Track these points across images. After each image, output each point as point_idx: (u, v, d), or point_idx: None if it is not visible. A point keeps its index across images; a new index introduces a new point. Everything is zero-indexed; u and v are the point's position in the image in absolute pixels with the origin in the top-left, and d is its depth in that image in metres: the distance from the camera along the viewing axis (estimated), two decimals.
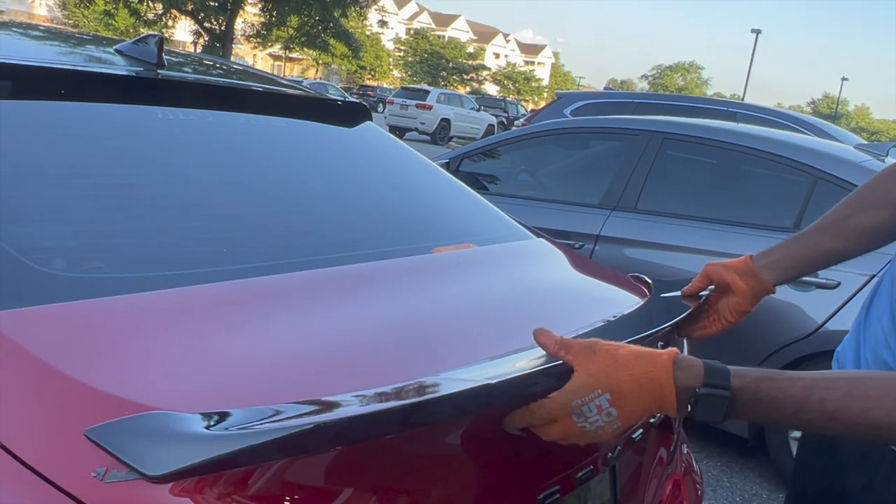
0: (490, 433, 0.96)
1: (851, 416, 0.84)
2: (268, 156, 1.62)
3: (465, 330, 1.16)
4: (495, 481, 0.97)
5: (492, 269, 1.46)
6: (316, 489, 0.78)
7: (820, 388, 0.86)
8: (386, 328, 1.07)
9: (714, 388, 0.87)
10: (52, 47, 1.83)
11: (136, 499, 0.72)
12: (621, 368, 0.88)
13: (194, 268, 1.10)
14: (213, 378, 0.85)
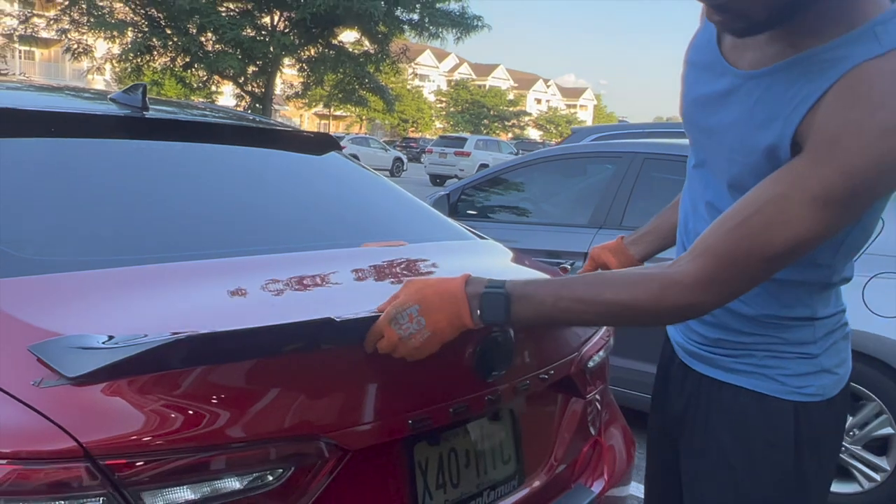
0: (367, 361, 1.20)
1: (591, 297, 1.09)
2: (234, 174, 1.91)
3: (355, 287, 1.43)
4: (369, 403, 1.21)
5: (407, 254, 1.72)
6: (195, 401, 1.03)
7: (570, 281, 1.14)
8: (288, 295, 1.33)
9: (492, 288, 1.12)
10: (66, 99, 2.18)
11: (68, 398, 0.98)
12: (428, 287, 1.14)
13: (146, 254, 1.38)
14: (125, 320, 1.12)
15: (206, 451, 1.02)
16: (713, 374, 1.30)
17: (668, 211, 1.61)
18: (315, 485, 1.12)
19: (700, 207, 1.28)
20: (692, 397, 1.34)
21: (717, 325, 1.27)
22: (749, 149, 1.11)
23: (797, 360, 1.23)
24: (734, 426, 1.27)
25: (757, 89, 1.10)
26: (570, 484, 1.71)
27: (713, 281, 1.06)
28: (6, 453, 0.93)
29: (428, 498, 1.34)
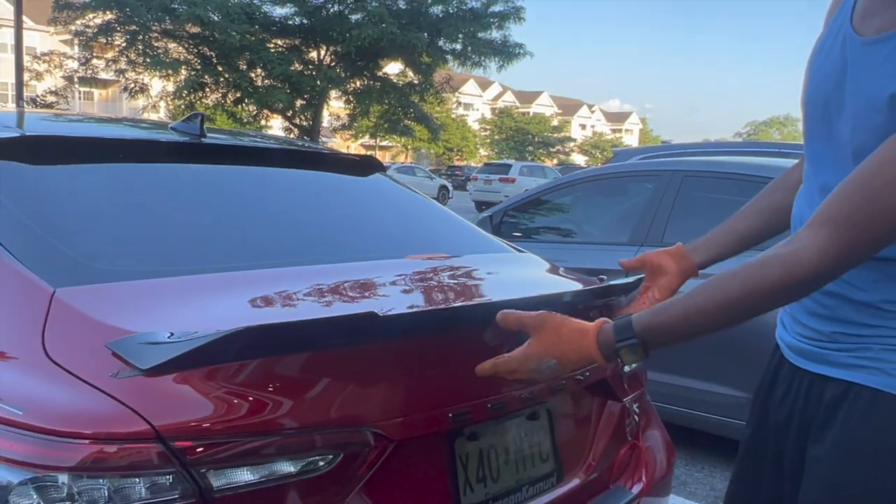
0: (410, 357, 1.29)
1: (717, 302, 1.10)
2: (285, 193, 2.04)
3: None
4: (412, 397, 1.30)
5: (448, 264, 1.82)
6: (255, 391, 1.14)
7: (690, 296, 1.14)
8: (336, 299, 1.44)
9: (624, 341, 1.16)
10: (134, 129, 2.36)
11: (142, 388, 1.09)
12: (563, 343, 1.20)
13: (204, 265, 1.51)
14: (189, 321, 1.23)
15: (264, 437, 1.12)
16: (824, 370, 1.22)
17: (731, 221, 1.60)
18: (363, 471, 1.22)
19: (815, 197, 1.25)
20: (799, 401, 1.28)
21: (833, 318, 1.21)
22: (875, 107, 1.10)
23: None
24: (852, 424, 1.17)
25: (885, 48, 1.11)
26: (608, 485, 1.77)
27: (837, 248, 1.05)
28: (89, 434, 1.05)
29: (469, 490, 1.42)
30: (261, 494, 1.13)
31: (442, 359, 1.36)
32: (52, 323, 1.21)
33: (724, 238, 1.60)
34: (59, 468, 1.04)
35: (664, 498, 2.00)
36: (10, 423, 1.07)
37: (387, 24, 14.87)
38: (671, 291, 1.57)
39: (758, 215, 1.56)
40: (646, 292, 1.61)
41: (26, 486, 1.03)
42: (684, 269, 1.58)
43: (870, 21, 1.15)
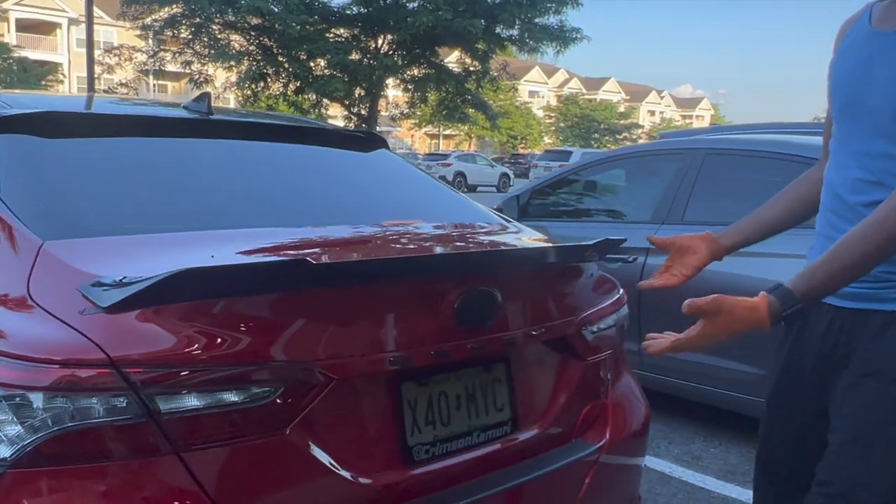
0: (354, 303, 1.42)
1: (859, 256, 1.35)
2: (280, 165, 2.19)
3: None
4: (353, 340, 1.42)
5: (418, 227, 1.94)
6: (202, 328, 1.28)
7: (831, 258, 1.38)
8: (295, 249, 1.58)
9: (791, 308, 1.38)
10: (150, 107, 2.55)
11: (103, 323, 1.25)
12: (736, 322, 1.39)
13: (185, 224, 1.66)
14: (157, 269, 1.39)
15: (209, 369, 1.27)
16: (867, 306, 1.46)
17: (759, 210, 1.79)
18: (303, 405, 1.35)
19: (848, 162, 1.50)
20: (843, 334, 1.51)
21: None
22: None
23: None
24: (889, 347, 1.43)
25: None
26: (570, 439, 1.86)
27: None
28: (58, 360, 1.21)
29: (417, 431, 1.54)
30: (207, 419, 1.27)
31: (386, 307, 1.48)
32: (37, 270, 1.38)
33: (752, 225, 1.80)
34: (32, 388, 1.20)
35: (635, 458, 2.08)
36: None
37: (442, 11, 14.97)
38: (697, 270, 1.76)
39: (784, 204, 1.78)
40: (670, 269, 1.77)
41: (0, 402, 1.20)
42: (713, 251, 1.77)
43: (887, 22, 1.45)
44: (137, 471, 1.23)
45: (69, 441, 1.20)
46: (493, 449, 1.67)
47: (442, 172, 28.56)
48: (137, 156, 1.94)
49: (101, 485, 1.21)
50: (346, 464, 1.42)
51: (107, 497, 1.21)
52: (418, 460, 1.53)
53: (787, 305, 1.38)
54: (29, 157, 1.75)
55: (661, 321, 3.83)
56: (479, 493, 1.58)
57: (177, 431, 1.25)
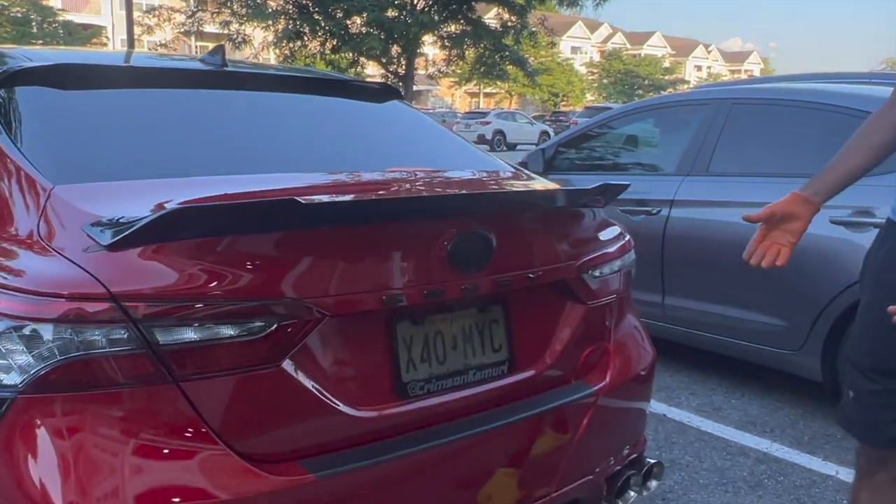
0: (348, 243, 1.46)
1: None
2: (291, 114, 2.23)
3: None
4: (346, 279, 1.47)
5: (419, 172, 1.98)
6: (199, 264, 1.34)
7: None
8: None
9: None
10: (166, 60, 2.61)
11: (105, 260, 1.32)
12: None
13: (192, 171, 1.72)
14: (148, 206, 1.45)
15: (205, 303, 1.33)
16: None
17: (844, 160, 1.82)
18: (297, 339, 1.41)
19: None
20: None
21: None
22: None
23: None
24: None
25: None
26: (569, 381, 1.90)
27: None
28: (65, 294, 1.29)
29: (412, 368, 1.59)
30: (203, 351, 1.34)
31: (380, 247, 1.52)
32: (47, 212, 1.46)
33: (839, 178, 1.83)
34: (39, 319, 1.28)
35: (637, 402, 2.11)
36: (4, 287, 1.32)
37: None
38: (802, 234, 1.83)
39: (867, 153, 1.80)
40: (772, 239, 1.85)
41: (10, 333, 1.28)
42: (812, 212, 1.81)
43: None
44: (139, 398, 1.31)
45: (75, 369, 1.28)
46: (489, 387, 1.71)
47: (481, 131, 28.34)
48: (150, 106, 2.00)
49: (104, 410, 1.29)
50: (341, 397, 1.48)
51: (110, 422, 1.29)
52: (413, 396, 1.59)
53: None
54: (44, 107, 1.82)
55: (684, 273, 3.84)
56: (473, 428, 1.64)
57: (175, 362, 1.32)
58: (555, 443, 1.82)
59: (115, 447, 1.29)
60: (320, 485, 1.40)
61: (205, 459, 1.33)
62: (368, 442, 1.51)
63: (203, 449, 1.33)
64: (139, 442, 1.30)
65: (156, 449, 1.30)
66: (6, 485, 1.27)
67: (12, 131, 1.69)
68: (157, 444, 1.31)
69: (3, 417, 1.28)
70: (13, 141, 1.65)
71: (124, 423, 1.30)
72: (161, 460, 1.30)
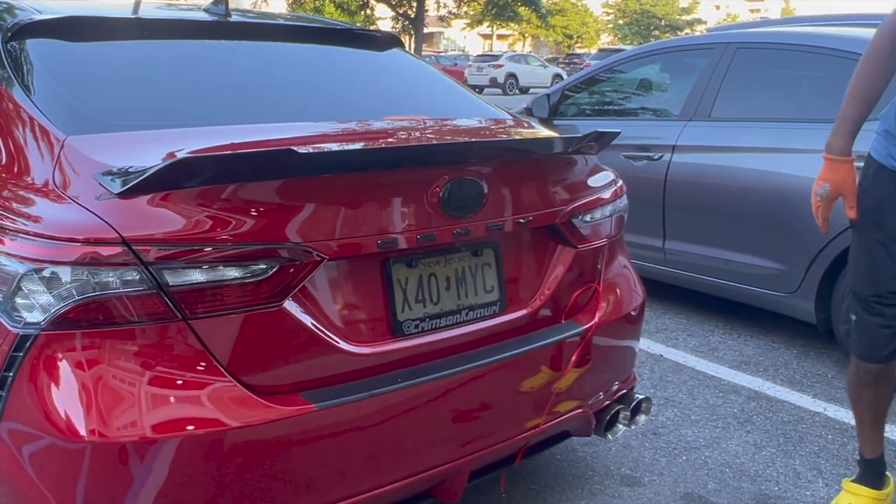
0: (344, 190, 1.55)
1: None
2: (293, 64, 2.29)
3: None
4: (343, 224, 1.56)
5: (416, 121, 2.05)
6: (204, 211, 1.43)
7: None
8: None
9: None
10: (171, 10, 2.66)
11: (116, 207, 1.41)
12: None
13: (198, 121, 1.80)
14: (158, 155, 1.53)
15: (210, 247, 1.42)
16: None
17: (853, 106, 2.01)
18: (297, 281, 1.51)
19: None
20: None
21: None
22: None
23: None
24: None
25: None
26: (559, 320, 2.00)
27: None
28: (81, 239, 1.38)
29: (407, 308, 1.69)
30: (210, 291, 1.44)
31: (375, 194, 1.61)
32: (61, 162, 1.55)
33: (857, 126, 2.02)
34: (56, 262, 1.38)
35: (626, 340, 2.21)
36: (23, 232, 1.42)
37: None
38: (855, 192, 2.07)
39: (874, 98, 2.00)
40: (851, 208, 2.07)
41: (32, 274, 1.39)
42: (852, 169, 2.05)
43: None
44: (151, 335, 1.42)
45: (91, 308, 1.39)
46: (481, 326, 1.81)
47: (493, 74, 28.00)
48: (157, 57, 2.06)
49: (120, 346, 1.40)
50: (340, 334, 1.59)
51: (126, 356, 1.40)
52: (408, 334, 1.69)
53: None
54: (55, 60, 1.90)
55: (685, 218, 3.90)
56: (466, 364, 1.74)
57: (184, 302, 1.42)
58: (546, 378, 1.93)
59: (131, 378, 1.40)
60: (321, 415, 1.52)
61: (214, 390, 1.44)
62: (366, 377, 1.62)
63: (212, 381, 1.45)
64: (153, 374, 1.41)
65: (168, 381, 1.42)
66: (32, 415, 1.39)
67: (25, 83, 1.77)
68: (170, 377, 1.42)
69: (28, 353, 1.39)
70: (26, 93, 1.73)
71: (139, 357, 1.41)
72: (174, 391, 1.42)
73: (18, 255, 1.41)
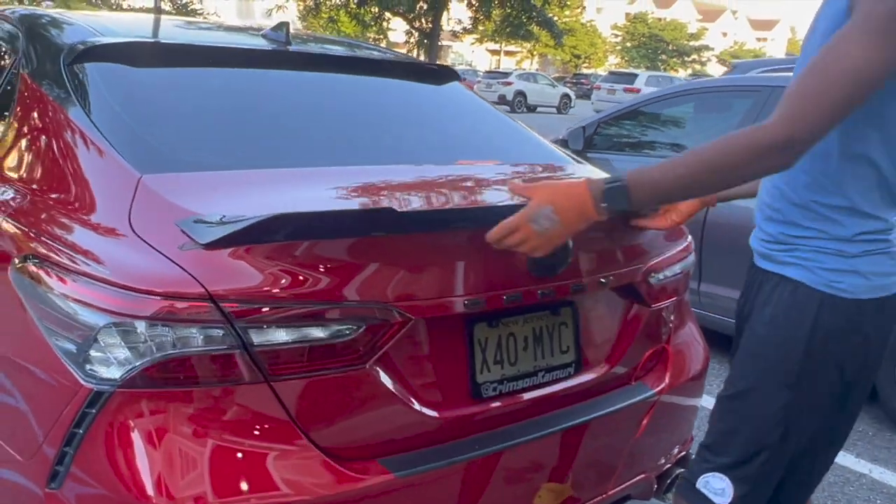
0: (434, 248, 1.48)
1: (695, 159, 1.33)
2: (360, 100, 2.22)
3: None
4: (432, 283, 1.48)
5: (490, 169, 1.97)
6: (293, 267, 1.36)
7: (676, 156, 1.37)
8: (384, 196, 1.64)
9: (613, 183, 1.37)
10: (227, 34, 2.59)
11: (202, 258, 1.33)
12: (557, 191, 1.43)
13: (271, 161, 1.73)
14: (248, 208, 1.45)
15: (299, 305, 1.35)
16: (768, 266, 1.51)
17: None
18: (383, 342, 1.43)
19: None
20: (751, 291, 1.58)
21: (780, 221, 1.48)
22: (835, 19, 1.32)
23: (835, 256, 1.42)
24: (772, 308, 1.48)
25: None
26: (630, 381, 1.92)
27: (794, 115, 1.26)
28: (160, 292, 1.30)
29: (486, 370, 1.61)
30: (295, 352, 1.36)
31: (464, 252, 1.53)
32: (137, 203, 1.47)
33: None
34: (135, 316, 1.30)
35: (692, 400, 2.13)
36: (102, 280, 1.34)
37: None
38: (689, 216, 1.87)
39: None
40: (665, 214, 1.84)
41: (110, 328, 1.31)
42: (704, 200, 1.87)
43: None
44: (231, 396, 1.34)
45: (171, 366, 1.30)
46: (557, 389, 1.74)
47: (502, 91, 28.07)
48: (225, 89, 1.99)
49: (198, 407, 1.32)
50: (419, 397, 1.51)
51: (204, 419, 1.32)
52: (486, 397, 1.61)
53: (609, 181, 1.37)
54: (120, 87, 1.82)
55: (721, 261, 3.83)
56: (541, 429, 1.66)
57: (267, 362, 1.34)
58: (615, 442, 1.85)
59: (208, 442, 1.32)
60: (400, 483, 1.43)
61: (294, 457, 1.36)
62: (444, 441, 1.54)
63: (293, 447, 1.37)
64: (231, 438, 1.33)
65: (249, 446, 1.33)
66: (103, 476, 1.30)
67: (93, 114, 1.69)
68: (251, 442, 1.34)
69: (101, 410, 1.31)
70: (96, 125, 1.65)
71: (217, 419, 1.33)
72: (255, 457, 1.33)
73: (96, 305, 1.33)
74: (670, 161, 1.38)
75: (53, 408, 1.36)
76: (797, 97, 1.27)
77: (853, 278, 1.42)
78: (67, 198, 1.57)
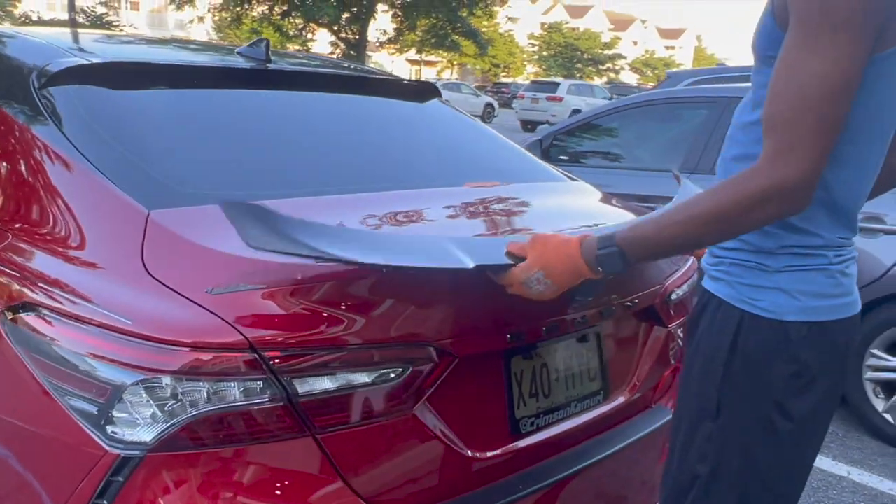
0: (474, 283, 1.38)
1: (685, 214, 1.17)
2: (346, 120, 2.11)
3: None
4: (473, 318, 1.40)
5: (503, 192, 1.90)
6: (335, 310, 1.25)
7: (667, 210, 1.24)
8: None
9: (605, 248, 1.25)
10: (194, 53, 2.44)
11: (236, 303, 1.21)
12: (549, 252, 1.28)
13: (275, 190, 1.61)
14: None
15: (343, 351, 1.24)
16: (705, 284, 1.35)
17: None
18: (429, 383, 1.34)
19: None
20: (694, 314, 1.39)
21: None
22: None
23: (755, 270, 1.25)
24: (701, 328, 1.32)
25: None
26: (650, 404, 1.88)
27: (781, 151, 1.09)
28: (189, 343, 1.18)
29: (522, 404, 1.54)
30: (340, 400, 1.25)
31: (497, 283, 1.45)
32: (149, 242, 1.33)
33: None
34: (164, 371, 1.17)
35: None
36: (122, 332, 1.20)
37: None
38: None
39: None
40: None
41: (137, 386, 1.17)
42: None
43: None
44: (275, 453, 1.22)
45: (207, 424, 1.18)
46: (587, 418, 1.68)
47: None
48: (208, 112, 1.85)
49: (239, 468, 1.20)
50: (462, 438, 1.42)
51: (246, 481, 1.20)
52: (525, 432, 1.54)
53: (602, 245, 1.24)
54: (105, 112, 1.67)
55: None
56: (578, 462, 1.60)
57: (312, 413, 1.23)
58: (644, 468, 1.81)
59: None
60: None
61: None
62: (485, 482, 1.46)
63: (338, 501, 1.26)
64: (276, 499, 1.21)
65: None
66: None
67: (85, 145, 1.53)
68: (294, 499, 1.22)
69: (130, 478, 1.17)
70: (89, 159, 1.50)
71: (260, 479, 1.21)
72: None
73: (119, 360, 1.19)
74: (660, 214, 1.26)
75: (67, 478, 1.22)
76: (776, 129, 1.11)
77: (775, 296, 1.23)
78: (64, 239, 1.41)
